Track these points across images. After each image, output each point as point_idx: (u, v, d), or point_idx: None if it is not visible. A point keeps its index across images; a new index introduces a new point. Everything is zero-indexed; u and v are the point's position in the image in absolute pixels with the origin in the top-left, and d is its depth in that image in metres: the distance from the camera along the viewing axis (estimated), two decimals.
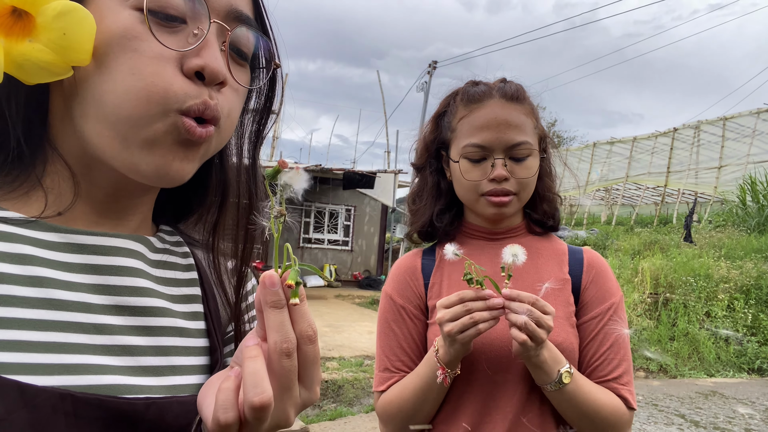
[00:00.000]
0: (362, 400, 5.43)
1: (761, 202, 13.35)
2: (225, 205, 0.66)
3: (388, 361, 1.21)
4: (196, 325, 0.63)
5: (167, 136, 0.50)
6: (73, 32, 0.46)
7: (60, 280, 0.51)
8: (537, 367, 1.04)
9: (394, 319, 1.24)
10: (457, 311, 1.00)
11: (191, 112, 0.50)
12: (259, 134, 0.66)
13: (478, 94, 1.21)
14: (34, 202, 0.53)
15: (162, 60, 0.49)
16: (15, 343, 0.46)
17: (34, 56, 0.46)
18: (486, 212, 1.19)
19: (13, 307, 0.47)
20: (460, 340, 1.00)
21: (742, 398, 6.28)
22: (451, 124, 1.25)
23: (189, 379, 0.59)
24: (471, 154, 1.17)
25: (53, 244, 0.52)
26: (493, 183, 1.16)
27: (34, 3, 0.45)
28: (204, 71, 0.50)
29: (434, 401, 1.12)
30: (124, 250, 0.57)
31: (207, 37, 0.51)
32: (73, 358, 0.49)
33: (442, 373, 1.05)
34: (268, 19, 0.61)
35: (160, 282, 0.60)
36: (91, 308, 0.52)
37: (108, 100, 0.49)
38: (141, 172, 0.52)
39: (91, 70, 0.49)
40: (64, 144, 0.54)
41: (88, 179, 0.55)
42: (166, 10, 0.50)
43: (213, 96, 0.52)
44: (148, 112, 0.49)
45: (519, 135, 1.16)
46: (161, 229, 0.66)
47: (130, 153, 0.51)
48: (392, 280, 1.29)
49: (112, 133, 0.50)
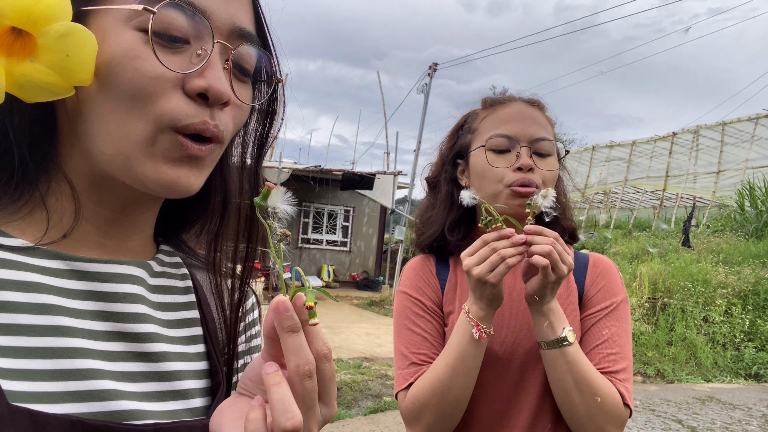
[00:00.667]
0: (360, 403, 5.43)
1: (759, 207, 13.37)
2: (226, 215, 0.66)
3: (414, 356, 1.16)
4: (195, 349, 0.63)
5: (168, 152, 0.51)
6: (76, 53, 0.46)
7: (65, 307, 0.51)
8: (545, 317, 1.03)
9: (414, 314, 1.20)
10: (484, 252, 1.00)
11: (188, 129, 0.51)
12: (262, 147, 0.66)
13: (501, 97, 1.23)
14: (39, 223, 0.53)
15: (162, 80, 0.49)
16: (24, 372, 0.47)
17: (36, 77, 0.46)
18: (509, 205, 1.14)
19: (22, 336, 0.48)
20: (490, 280, 0.98)
21: (739, 404, 6.29)
22: (471, 126, 1.24)
23: (191, 403, 0.59)
24: (496, 143, 1.15)
25: (57, 271, 0.53)
26: (519, 173, 1.13)
27: (36, 23, 0.45)
28: (208, 92, 0.51)
29: (470, 372, 1.06)
30: (126, 276, 0.57)
31: (210, 57, 0.51)
32: (80, 385, 0.49)
33: (478, 329, 1.03)
34: (269, 33, 0.61)
35: (156, 307, 0.60)
36: (94, 335, 0.53)
37: (110, 119, 0.50)
38: (149, 187, 0.52)
39: (94, 89, 0.49)
40: (70, 162, 0.54)
41: (94, 197, 0.55)
42: (170, 32, 0.50)
43: (215, 116, 0.52)
44: (145, 130, 0.50)
45: (543, 131, 1.17)
46: (161, 250, 0.66)
47: (136, 170, 0.51)
48: (407, 279, 1.26)
49: (115, 151, 0.51)
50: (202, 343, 0.64)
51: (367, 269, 16.88)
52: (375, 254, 17.02)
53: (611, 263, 1.26)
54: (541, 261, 0.98)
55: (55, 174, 0.54)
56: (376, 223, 17.09)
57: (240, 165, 0.66)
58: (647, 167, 19.47)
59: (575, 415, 1.07)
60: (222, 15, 0.53)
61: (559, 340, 1.04)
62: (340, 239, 16.77)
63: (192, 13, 0.50)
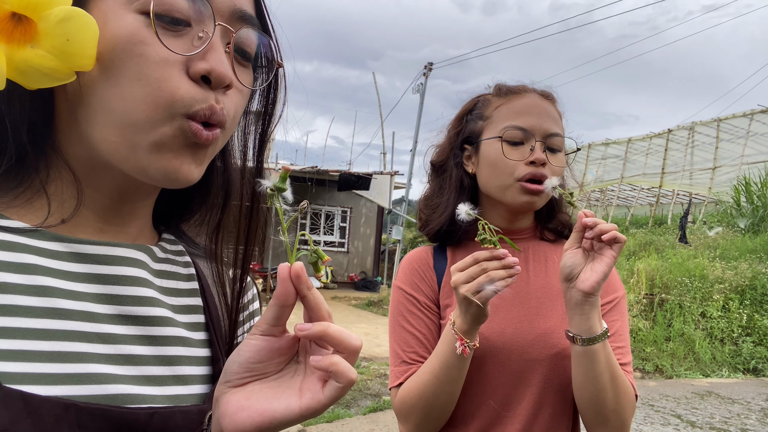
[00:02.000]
0: (360, 402, 5.42)
1: (755, 203, 13.41)
2: (227, 206, 0.65)
3: (404, 354, 1.17)
4: (198, 336, 0.62)
5: (174, 139, 0.50)
6: (77, 38, 0.45)
7: (64, 289, 0.51)
8: (595, 308, 0.99)
9: (408, 311, 1.20)
10: (473, 272, 0.97)
11: (198, 116, 0.50)
12: (264, 135, 0.65)
13: (515, 87, 1.22)
14: (38, 209, 0.53)
15: (168, 64, 0.49)
16: (19, 352, 0.46)
17: (37, 62, 0.45)
18: (517, 200, 1.14)
19: (17, 317, 0.47)
20: (476, 301, 0.96)
21: (737, 398, 6.31)
22: (482, 113, 1.23)
23: (192, 389, 0.58)
24: (511, 135, 1.15)
25: (57, 253, 0.52)
26: (531, 167, 1.13)
27: (36, 8, 0.44)
28: (210, 75, 0.50)
29: (455, 381, 1.06)
30: (127, 259, 0.56)
31: (212, 39, 0.51)
32: (76, 368, 0.49)
33: (461, 344, 1.01)
34: (269, 17, 0.60)
35: (163, 292, 0.60)
36: (94, 317, 0.52)
37: (114, 105, 0.49)
38: (150, 176, 0.52)
39: (96, 75, 0.49)
40: (69, 149, 0.54)
41: (93, 184, 0.55)
42: (171, 14, 0.49)
43: (219, 100, 0.52)
44: (154, 117, 0.49)
45: (556, 126, 1.17)
46: (163, 237, 0.65)
47: (139, 157, 0.50)
48: (403, 273, 1.25)
49: (119, 138, 0.50)
50: (205, 331, 0.64)
51: (365, 270, 16.87)
52: (373, 254, 17.02)
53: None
54: (622, 237, 0.95)
55: (55, 160, 0.54)
56: (374, 223, 17.09)
57: (242, 154, 0.65)
58: (643, 164, 19.51)
59: (603, 410, 1.04)
60: None
61: (604, 332, 1.01)
62: (338, 240, 16.76)
63: None
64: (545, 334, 1.13)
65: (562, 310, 1.15)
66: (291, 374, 0.52)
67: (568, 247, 1.02)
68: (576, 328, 1.01)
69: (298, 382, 0.51)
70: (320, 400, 0.49)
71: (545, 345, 1.12)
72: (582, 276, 0.99)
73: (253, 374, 0.50)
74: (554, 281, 1.20)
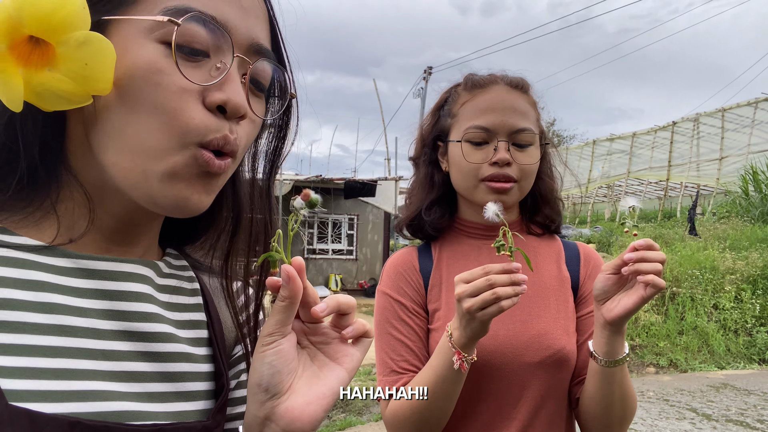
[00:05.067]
0: (371, 409, 5.42)
1: (764, 191, 13.29)
2: (238, 232, 0.65)
3: (393, 363, 1.11)
4: (201, 351, 0.62)
5: (186, 168, 0.51)
6: (95, 62, 0.46)
7: (70, 306, 0.51)
8: (617, 334, 0.98)
9: (395, 317, 1.14)
10: (479, 285, 0.90)
11: (211, 145, 0.51)
12: (275, 162, 0.66)
13: (482, 80, 1.18)
14: (47, 228, 0.53)
15: (185, 94, 0.49)
16: (25, 370, 0.46)
17: (54, 85, 0.46)
18: (484, 200, 1.08)
19: (24, 334, 0.47)
20: (480, 317, 0.91)
21: (753, 389, 6.24)
22: (451, 110, 1.20)
23: (196, 405, 0.59)
24: (473, 136, 1.12)
25: (64, 269, 0.52)
26: (495, 167, 1.10)
27: (55, 32, 0.44)
28: (227, 106, 0.51)
29: (450, 395, 1.01)
30: (133, 275, 0.57)
31: (229, 70, 0.52)
32: (81, 385, 0.49)
33: (459, 358, 0.96)
34: (285, 49, 0.61)
35: (166, 307, 0.60)
36: (99, 334, 0.52)
37: (129, 131, 0.49)
38: (159, 204, 0.52)
39: (112, 100, 0.49)
40: (80, 170, 0.54)
41: (102, 206, 0.55)
42: (192, 45, 0.50)
43: (233, 130, 0.52)
44: (168, 145, 0.49)
45: (523, 121, 1.13)
46: (168, 253, 0.66)
47: (149, 185, 0.51)
48: (388, 278, 1.20)
49: (131, 165, 0.50)
50: (208, 346, 0.64)
51: (375, 276, 16.85)
52: (381, 261, 16.99)
53: (600, 257, 1.25)
54: (660, 282, 0.90)
55: (66, 181, 0.54)
56: (381, 229, 17.09)
57: (251, 180, 0.65)
58: (649, 158, 19.42)
59: (609, 422, 1.05)
60: (241, 30, 0.53)
61: (624, 357, 1.00)
62: (346, 248, 16.77)
63: (214, 26, 0.50)
64: (539, 335, 1.10)
65: (554, 308, 1.13)
66: (310, 356, 0.56)
67: (606, 269, 0.98)
68: (598, 347, 1.01)
69: (324, 357, 0.56)
70: (358, 357, 0.57)
71: (540, 347, 1.09)
72: (609, 305, 0.97)
73: (292, 374, 0.53)
74: (545, 278, 1.17)
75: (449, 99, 1.23)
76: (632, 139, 19.92)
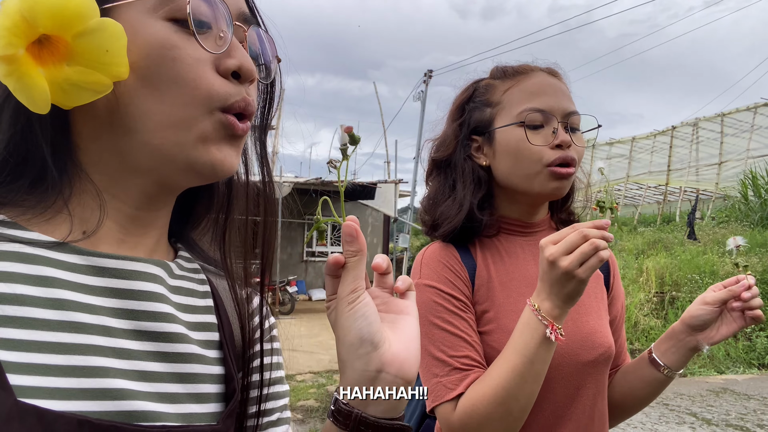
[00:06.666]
0: None
1: (763, 196, 13.31)
2: (231, 208, 0.66)
3: (454, 360, 1.00)
4: (212, 354, 0.62)
5: (215, 132, 0.53)
6: (113, 47, 0.47)
7: (81, 302, 0.51)
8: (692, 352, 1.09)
9: (448, 311, 1.03)
10: (574, 240, 0.87)
11: (233, 108, 0.54)
12: (264, 127, 0.67)
13: (521, 67, 1.13)
14: (60, 223, 0.53)
15: (201, 63, 0.52)
16: (35, 366, 0.46)
17: (79, 78, 0.47)
18: (546, 188, 1.05)
19: (34, 330, 0.47)
20: (580, 274, 0.86)
21: (753, 394, 6.23)
22: (489, 100, 1.13)
23: (207, 407, 0.58)
24: (531, 119, 1.05)
25: (76, 266, 0.52)
26: (558, 150, 1.04)
27: (70, 25, 0.44)
28: (240, 70, 0.54)
29: (538, 377, 0.93)
30: (145, 274, 0.57)
31: (232, 38, 0.54)
32: (92, 383, 0.49)
33: (553, 330, 0.90)
34: (260, 15, 0.63)
35: (179, 308, 0.60)
36: (110, 332, 0.52)
37: (155, 109, 0.51)
38: (198, 170, 0.54)
39: (132, 83, 0.50)
40: (91, 164, 0.54)
41: (119, 195, 0.56)
42: (199, 17, 0.52)
43: (249, 92, 0.56)
44: (195, 113, 0.52)
45: (572, 104, 1.09)
46: (180, 255, 0.66)
47: (186, 154, 0.53)
48: (431, 270, 1.08)
49: (162, 140, 0.52)
50: (219, 349, 0.64)
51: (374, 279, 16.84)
52: None
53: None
54: (762, 316, 1.03)
55: (77, 177, 0.54)
56: (380, 232, 17.10)
57: (244, 155, 0.66)
58: (648, 162, 19.46)
59: (627, 415, 1.21)
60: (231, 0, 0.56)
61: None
62: None
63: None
64: (591, 334, 1.06)
65: (596, 306, 1.12)
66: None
67: (712, 302, 1.05)
68: (671, 361, 1.09)
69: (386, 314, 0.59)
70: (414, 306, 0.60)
71: (593, 345, 1.06)
72: (708, 333, 1.06)
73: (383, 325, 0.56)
74: None
75: (478, 92, 1.16)
76: (632, 144, 19.96)
